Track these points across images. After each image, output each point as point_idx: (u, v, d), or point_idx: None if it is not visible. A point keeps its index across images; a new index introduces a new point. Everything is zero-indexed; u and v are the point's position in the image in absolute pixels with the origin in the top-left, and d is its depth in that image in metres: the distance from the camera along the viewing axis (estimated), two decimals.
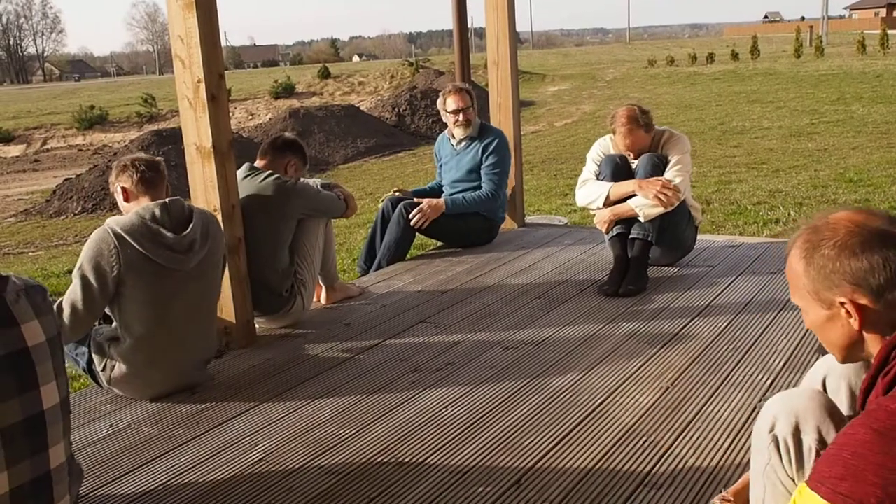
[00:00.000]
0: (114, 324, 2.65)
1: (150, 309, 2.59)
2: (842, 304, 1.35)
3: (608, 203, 3.75)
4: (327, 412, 2.54)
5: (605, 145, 3.93)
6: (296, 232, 3.41)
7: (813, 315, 1.41)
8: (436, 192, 4.72)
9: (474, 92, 4.69)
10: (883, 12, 66.94)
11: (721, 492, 1.78)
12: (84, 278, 2.53)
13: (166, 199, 2.67)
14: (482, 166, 4.50)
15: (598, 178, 3.85)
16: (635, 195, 3.68)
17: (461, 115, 4.48)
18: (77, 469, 1.80)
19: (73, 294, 2.55)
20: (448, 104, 4.54)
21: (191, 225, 2.67)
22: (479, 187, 4.50)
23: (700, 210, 4.10)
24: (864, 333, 1.37)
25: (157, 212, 2.62)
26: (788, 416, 1.47)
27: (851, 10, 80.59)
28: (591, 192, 3.82)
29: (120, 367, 2.63)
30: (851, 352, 1.40)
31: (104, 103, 27.67)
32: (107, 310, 2.64)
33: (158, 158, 2.84)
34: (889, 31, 28.13)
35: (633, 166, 3.82)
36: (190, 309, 2.68)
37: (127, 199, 2.72)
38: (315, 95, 28.40)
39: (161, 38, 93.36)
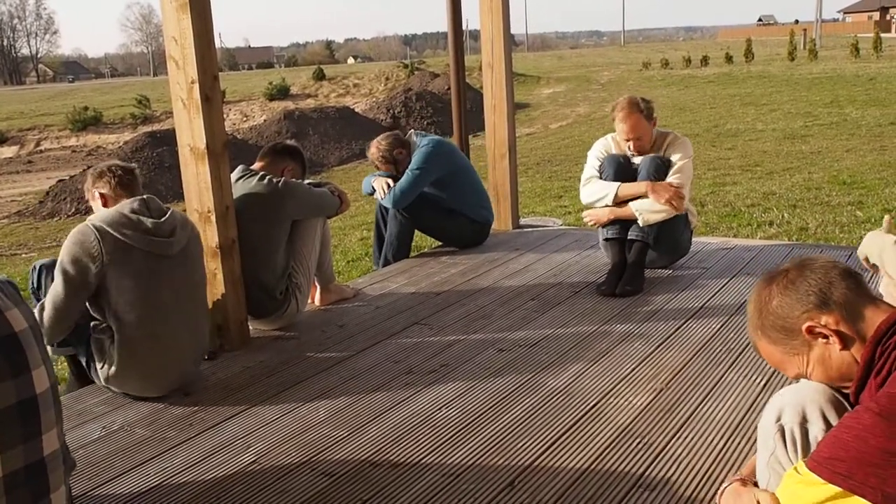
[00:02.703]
0: (104, 324, 2.63)
1: (140, 296, 2.59)
2: (810, 331, 1.43)
3: (616, 202, 3.74)
4: (321, 414, 2.54)
5: (608, 144, 3.92)
6: (292, 234, 3.41)
7: (810, 361, 1.47)
8: None
9: (468, 93, 4.68)
10: (876, 16, 67.27)
11: (725, 482, 1.76)
12: (65, 273, 2.54)
13: (144, 196, 2.74)
14: None
15: (600, 177, 3.83)
16: (643, 197, 3.67)
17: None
18: (70, 461, 1.80)
19: (54, 291, 2.56)
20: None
21: (168, 213, 2.73)
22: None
23: (696, 214, 4.10)
24: (850, 349, 1.40)
25: (136, 205, 2.67)
26: (795, 407, 1.48)
27: (845, 13, 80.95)
28: (597, 190, 3.80)
29: (117, 363, 2.62)
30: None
31: (98, 105, 27.59)
32: (93, 306, 2.63)
33: (133, 165, 2.91)
34: (882, 35, 28.29)
35: (636, 166, 3.81)
36: (178, 296, 2.70)
37: (105, 205, 2.75)
38: (310, 97, 28.38)
39: (155, 40, 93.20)
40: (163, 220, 2.67)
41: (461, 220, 4.56)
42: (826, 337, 1.42)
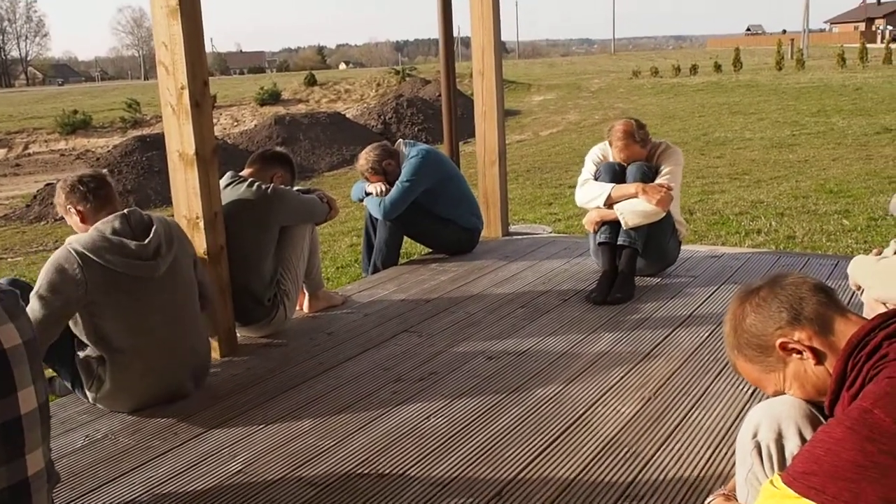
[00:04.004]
0: (88, 348, 2.58)
1: (129, 322, 2.54)
2: (784, 347, 1.44)
3: (608, 203, 3.77)
4: (308, 423, 2.52)
5: (605, 149, 3.99)
6: (280, 240, 3.39)
7: (787, 378, 1.48)
8: None
9: (459, 100, 4.69)
10: (862, 26, 67.95)
11: (710, 496, 1.77)
12: (43, 299, 2.42)
13: (125, 211, 2.63)
14: None
15: (596, 181, 3.87)
16: (633, 198, 3.71)
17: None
18: (55, 476, 1.77)
19: (32, 317, 2.35)
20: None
21: (153, 230, 2.62)
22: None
23: (685, 226, 4.13)
24: (825, 364, 1.41)
25: (118, 224, 2.57)
26: (771, 423, 1.49)
27: (832, 23, 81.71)
28: (591, 191, 3.84)
29: (109, 385, 2.57)
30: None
31: (88, 108, 27.47)
32: (80, 334, 2.57)
33: (104, 171, 2.76)
34: (868, 45, 28.55)
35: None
36: (169, 315, 2.64)
37: (83, 221, 2.63)
38: (301, 102, 28.35)
39: (147, 44, 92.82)
40: (147, 241, 2.57)
41: (451, 228, 4.56)
42: (800, 352, 1.43)
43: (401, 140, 4.65)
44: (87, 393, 2.63)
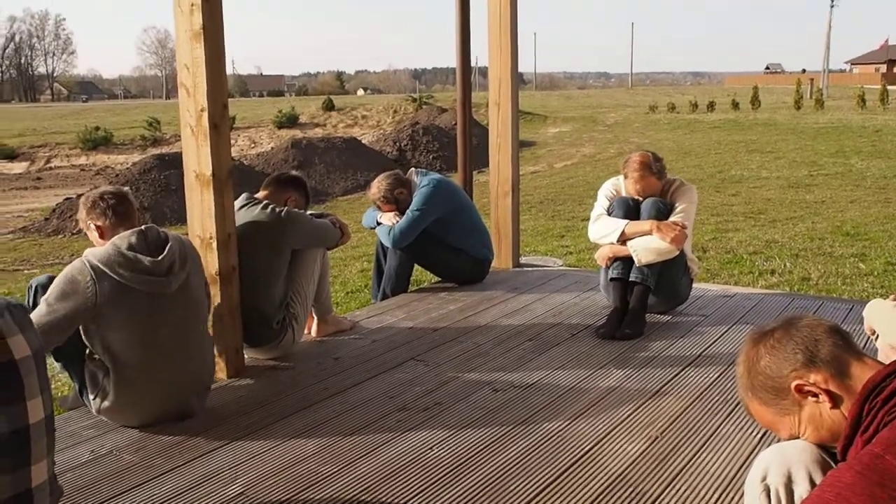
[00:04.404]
0: (97, 357, 2.59)
1: (139, 337, 2.56)
2: (799, 390, 1.42)
3: (622, 240, 3.77)
4: (311, 447, 2.51)
5: (618, 184, 3.98)
6: (291, 264, 3.41)
7: (802, 421, 1.46)
8: None
9: (475, 129, 4.72)
10: (883, 68, 67.97)
11: None
12: (50, 306, 2.46)
13: (142, 227, 2.66)
14: None
15: (609, 216, 3.86)
16: (648, 235, 3.70)
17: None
18: (58, 490, 1.77)
19: (36, 320, 2.42)
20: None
21: (167, 247, 2.65)
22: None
23: (697, 264, 4.11)
24: (840, 408, 1.39)
25: (134, 239, 2.60)
26: (781, 467, 1.47)
27: (852, 64, 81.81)
28: (605, 227, 3.84)
29: (113, 398, 2.58)
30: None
31: (110, 125, 27.90)
32: (90, 344, 2.59)
33: (125, 189, 2.82)
34: (889, 87, 28.59)
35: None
36: (179, 332, 2.65)
37: (102, 237, 2.68)
38: (318, 126, 28.66)
39: (170, 64, 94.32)
40: (161, 257, 2.60)
41: (461, 257, 4.56)
42: (816, 395, 1.42)
43: (413, 169, 4.68)
44: (91, 403, 2.64)
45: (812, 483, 1.42)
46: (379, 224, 4.43)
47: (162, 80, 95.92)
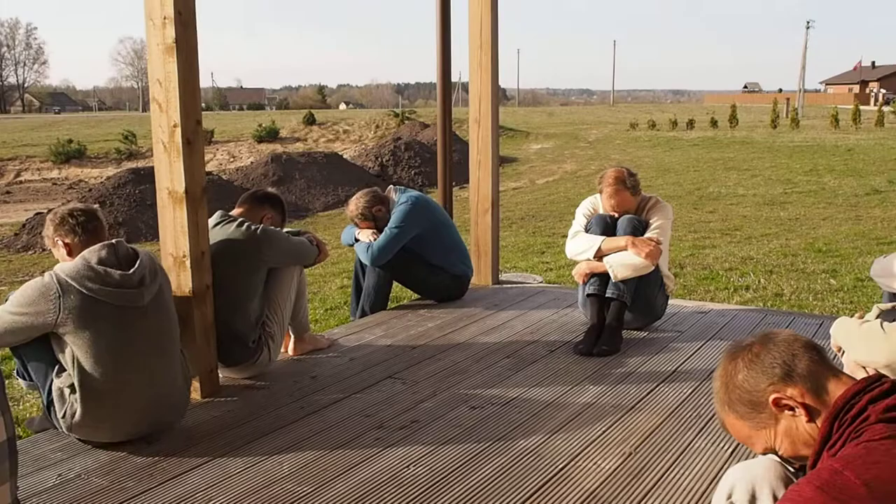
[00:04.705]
0: (65, 372, 2.56)
1: (109, 352, 2.53)
2: (777, 403, 1.44)
3: (598, 256, 3.80)
4: (286, 468, 2.49)
5: (596, 202, 4.03)
6: (268, 282, 3.39)
7: (777, 434, 1.48)
8: None
9: (456, 145, 4.74)
10: (856, 88, 69.36)
11: None
12: (10, 314, 2.47)
13: (112, 241, 2.65)
14: None
15: (587, 233, 3.90)
16: (623, 251, 3.74)
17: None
18: None
19: None
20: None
21: (138, 261, 2.64)
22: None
23: (673, 280, 4.15)
24: (816, 421, 1.41)
25: (104, 253, 2.58)
26: (746, 484, 1.49)
27: (827, 84, 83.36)
28: (582, 243, 3.88)
29: (83, 414, 2.53)
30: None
31: (83, 138, 27.56)
32: (60, 359, 2.55)
33: (94, 206, 2.79)
34: (861, 107, 29.10)
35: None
36: (152, 346, 2.63)
37: (70, 254, 2.65)
38: (299, 141, 28.57)
39: (146, 75, 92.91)
40: (132, 270, 2.59)
41: (440, 274, 4.57)
42: (792, 409, 1.44)
43: (391, 186, 4.69)
44: (60, 422, 2.59)
45: (775, 500, 1.44)
46: (357, 241, 4.43)
47: (138, 93, 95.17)
